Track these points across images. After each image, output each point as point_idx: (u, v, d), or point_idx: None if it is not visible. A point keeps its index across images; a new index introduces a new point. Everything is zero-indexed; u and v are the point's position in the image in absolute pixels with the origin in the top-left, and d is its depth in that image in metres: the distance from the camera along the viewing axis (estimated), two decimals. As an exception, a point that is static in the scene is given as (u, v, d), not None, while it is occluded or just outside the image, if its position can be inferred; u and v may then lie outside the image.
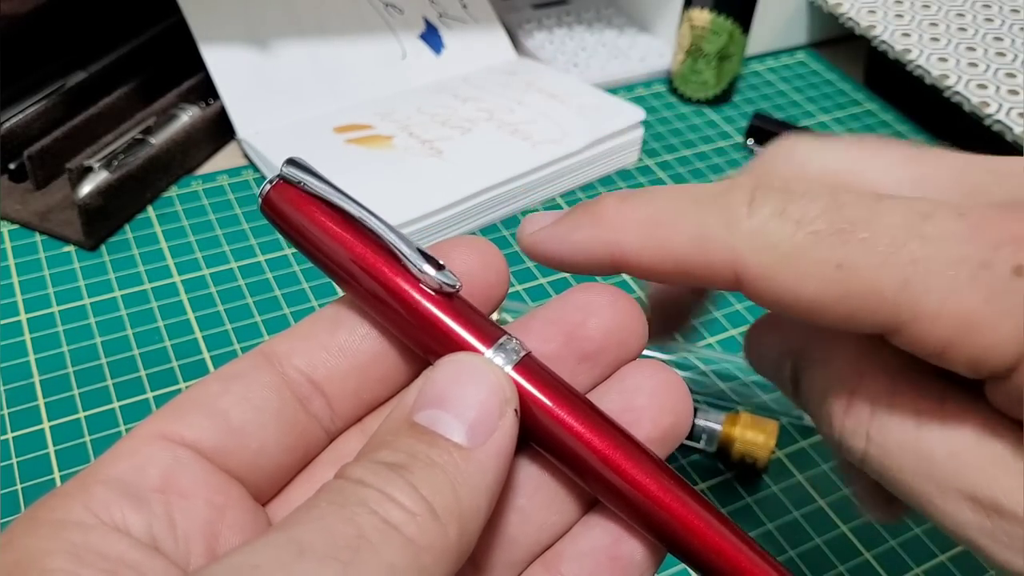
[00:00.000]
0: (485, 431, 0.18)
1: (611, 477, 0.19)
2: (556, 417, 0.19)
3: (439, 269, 0.19)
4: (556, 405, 0.19)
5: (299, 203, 0.20)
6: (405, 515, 0.16)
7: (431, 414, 0.18)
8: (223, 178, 0.52)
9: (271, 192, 0.20)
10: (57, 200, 0.49)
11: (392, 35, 0.58)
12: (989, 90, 0.55)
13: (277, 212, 0.20)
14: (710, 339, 0.45)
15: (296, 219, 0.20)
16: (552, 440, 0.19)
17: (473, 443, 0.17)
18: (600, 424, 0.19)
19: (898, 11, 0.62)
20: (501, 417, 0.18)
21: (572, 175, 0.53)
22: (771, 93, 0.64)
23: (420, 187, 0.49)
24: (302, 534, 0.16)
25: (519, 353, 0.19)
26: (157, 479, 0.18)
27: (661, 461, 0.19)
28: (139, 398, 0.40)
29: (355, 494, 0.16)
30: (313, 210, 0.20)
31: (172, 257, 0.47)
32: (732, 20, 0.58)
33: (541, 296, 0.47)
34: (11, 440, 0.38)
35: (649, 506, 0.18)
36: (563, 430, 0.19)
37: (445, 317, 0.19)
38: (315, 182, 0.20)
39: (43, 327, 0.43)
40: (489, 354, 0.19)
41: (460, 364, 0.18)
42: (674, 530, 0.18)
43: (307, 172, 0.20)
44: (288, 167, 0.20)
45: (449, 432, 0.17)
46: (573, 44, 0.65)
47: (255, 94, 0.53)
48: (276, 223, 0.20)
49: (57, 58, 0.55)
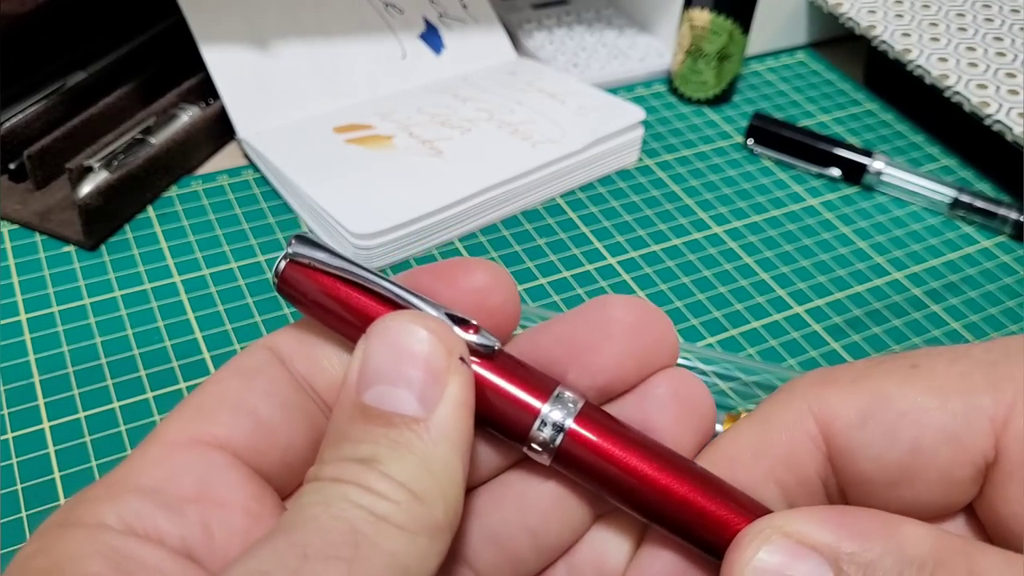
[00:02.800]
0: (437, 392, 0.17)
1: (688, 518, 0.18)
2: (622, 464, 0.18)
3: (474, 331, 0.18)
4: (622, 451, 0.18)
5: (315, 280, 0.19)
6: (390, 505, 0.16)
7: (378, 392, 0.17)
8: (223, 178, 0.52)
9: (285, 272, 0.19)
10: (57, 200, 0.49)
11: (392, 35, 0.58)
12: (989, 90, 0.55)
13: (293, 291, 0.19)
14: (710, 339, 0.45)
15: (315, 297, 0.19)
16: (618, 485, 0.19)
17: (428, 409, 0.17)
18: (668, 467, 0.18)
19: (898, 11, 0.62)
20: (449, 370, 0.17)
21: (572, 175, 0.53)
22: (771, 93, 0.64)
23: (420, 187, 0.49)
24: (302, 537, 0.15)
25: (577, 404, 0.19)
26: (192, 488, 0.18)
27: (737, 491, 0.19)
28: (139, 398, 0.40)
29: (336, 492, 0.16)
30: (329, 286, 0.19)
31: (172, 257, 0.47)
32: (732, 20, 0.58)
33: (541, 296, 0.47)
34: (11, 440, 0.38)
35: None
36: (631, 476, 0.18)
37: (493, 377, 0.19)
38: (326, 257, 0.19)
39: (43, 327, 0.43)
40: (546, 410, 0.18)
41: (390, 329, 0.18)
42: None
43: (317, 248, 0.19)
44: (297, 245, 0.19)
45: (402, 406, 0.17)
46: (573, 44, 0.65)
47: (255, 94, 0.53)
48: (295, 301, 0.20)
49: (57, 58, 0.55)
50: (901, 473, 0.18)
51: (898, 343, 0.46)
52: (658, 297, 0.47)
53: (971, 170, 0.59)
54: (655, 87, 0.63)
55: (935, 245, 0.53)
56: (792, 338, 0.46)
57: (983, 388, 0.18)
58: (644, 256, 0.50)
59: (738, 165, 0.57)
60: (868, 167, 0.55)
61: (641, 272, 0.49)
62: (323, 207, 0.47)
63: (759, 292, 0.48)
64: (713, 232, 0.52)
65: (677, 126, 0.60)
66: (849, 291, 0.49)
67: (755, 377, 0.42)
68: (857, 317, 0.47)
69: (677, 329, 0.45)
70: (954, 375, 0.18)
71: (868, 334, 0.46)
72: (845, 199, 0.55)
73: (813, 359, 0.45)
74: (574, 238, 0.51)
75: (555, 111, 0.55)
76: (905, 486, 0.18)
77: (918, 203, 0.55)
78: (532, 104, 0.55)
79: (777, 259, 0.51)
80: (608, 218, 0.52)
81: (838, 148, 0.56)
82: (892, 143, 0.61)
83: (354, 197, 0.47)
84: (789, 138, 0.57)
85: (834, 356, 0.45)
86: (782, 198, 0.55)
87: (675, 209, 0.53)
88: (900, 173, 0.55)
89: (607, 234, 0.51)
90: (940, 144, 0.61)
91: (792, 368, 0.44)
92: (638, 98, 0.62)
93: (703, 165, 0.57)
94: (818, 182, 0.56)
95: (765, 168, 0.57)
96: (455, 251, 0.49)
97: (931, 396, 0.18)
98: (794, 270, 0.50)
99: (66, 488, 0.36)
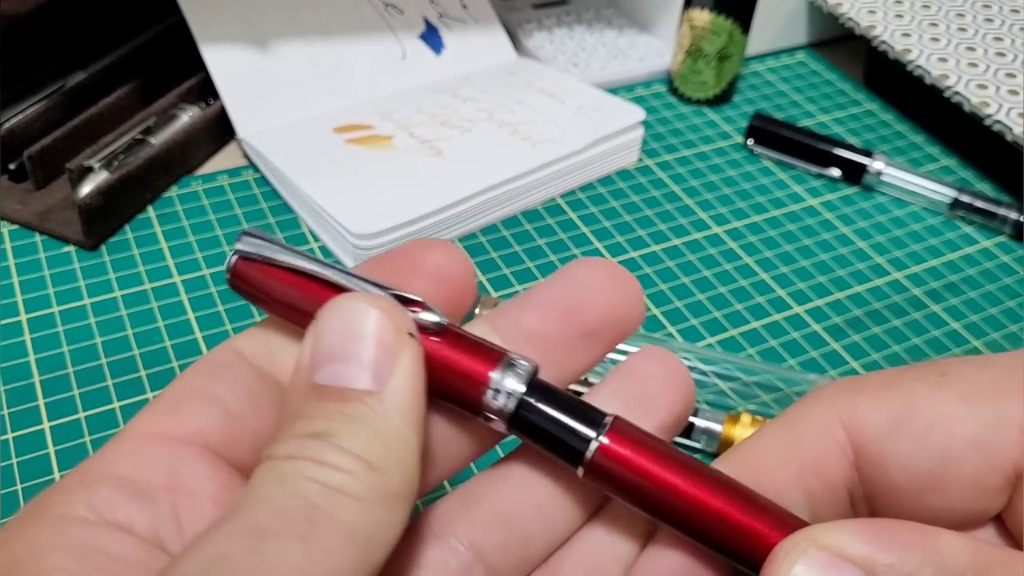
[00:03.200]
0: (388, 366, 0.17)
1: (683, 508, 0.18)
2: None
3: (421, 308, 0.19)
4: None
5: (265, 274, 0.20)
6: (343, 476, 0.16)
7: (330, 370, 0.17)
8: (223, 178, 0.52)
9: (235, 269, 0.20)
10: (57, 200, 0.49)
11: (392, 35, 0.58)
12: (989, 90, 0.55)
13: (246, 286, 0.20)
14: (710, 339, 0.45)
15: (267, 290, 0.20)
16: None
17: (381, 382, 0.17)
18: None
19: (898, 11, 0.62)
20: (400, 345, 0.17)
21: (572, 175, 0.53)
22: (771, 93, 0.64)
23: (420, 187, 0.49)
24: (256, 517, 0.15)
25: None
26: (163, 477, 0.18)
27: (740, 485, 0.19)
28: (139, 398, 0.40)
29: (289, 468, 0.16)
30: (279, 278, 0.20)
31: (172, 257, 0.47)
32: (732, 20, 0.58)
33: (541, 296, 0.47)
34: (11, 440, 0.38)
35: (749, 540, 0.18)
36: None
37: (444, 351, 0.19)
38: (272, 248, 0.20)
39: (43, 327, 0.43)
40: (497, 376, 0.19)
41: (340, 308, 0.18)
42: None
43: (263, 240, 0.20)
44: (244, 239, 0.20)
45: (355, 382, 0.17)
46: (573, 44, 0.65)
47: (255, 94, 0.53)
48: (248, 297, 0.20)
49: (57, 58, 0.55)
50: (930, 481, 0.18)
51: (898, 343, 0.46)
52: (658, 297, 0.47)
53: (971, 170, 0.59)
54: (655, 87, 0.63)
55: (935, 245, 0.53)
56: (792, 338, 0.46)
57: (1012, 396, 0.18)
58: (644, 256, 0.50)
59: (738, 165, 0.57)
60: (868, 167, 0.55)
61: (641, 272, 0.49)
62: (323, 207, 0.47)
63: (759, 292, 0.48)
64: (713, 232, 0.52)
65: (677, 126, 0.60)
66: (849, 291, 0.49)
67: (755, 377, 0.42)
68: (857, 317, 0.47)
69: (677, 329, 0.46)
70: (983, 383, 0.18)
71: (868, 334, 0.46)
72: (845, 199, 0.55)
73: (813, 359, 0.45)
74: (574, 238, 0.51)
75: (555, 111, 0.55)
76: (934, 494, 0.18)
77: (918, 203, 0.55)
78: (532, 104, 0.55)
79: (777, 259, 0.51)
80: (608, 218, 0.52)
81: (838, 148, 0.56)
82: (892, 143, 0.61)
83: (354, 197, 0.47)
84: (789, 138, 0.57)
85: (834, 356, 0.45)
86: (782, 198, 0.55)
87: (675, 209, 0.53)
88: (900, 173, 0.55)
89: (607, 234, 0.51)
90: (940, 144, 0.61)
91: (792, 368, 0.44)
92: (638, 98, 0.62)
93: (703, 165, 0.57)
94: (818, 182, 0.56)
95: (765, 168, 0.57)
96: (455, 251, 0.49)
97: (960, 404, 0.18)
98: (794, 270, 0.50)
99: (66, 488, 0.36)
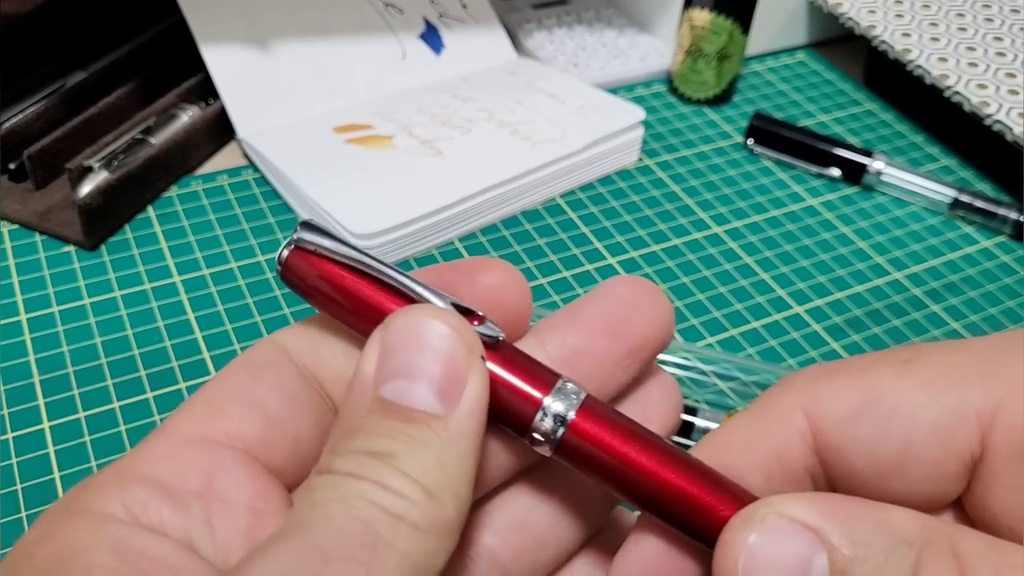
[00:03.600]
0: (457, 390, 0.17)
1: (682, 509, 0.18)
2: (623, 456, 0.18)
3: (479, 322, 0.18)
4: (622, 443, 0.19)
5: (319, 268, 0.19)
6: (405, 503, 0.16)
7: (396, 386, 0.17)
8: (223, 178, 0.52)
9: (289, 259, 0.19)
10: (57, 200, 0.49)
11: (392, 35, 0.58)
12: (989, 90, 0.55)
13: (298, 278, 0.19)
14: (710, 339, 0.45)
15: (319, 285, 0.19)
16: (619, 477, 0.19)
17: (448, 407, 0.17)
18: (667, 459, 0.19)
19: (898, 11, 0.62)
20: (469, 369, 0.17)
21: (572, 175, 0.53)
22: (771, 93, 0.64)
23: (420, 187, 0.49)
24: (320, 538, 0.15)
25: (579, 395, 0.19)
26: (198, 482, 0.18)
27: (733, 483, 0.19)
28: (139, 398, 0.40)
29: (351, 489, 0.16)
30: (335, 274, 0.19)
31: (172, 257, 0.47)
32: (732, 20, 0.58)
33: (542, 296, 0.47)
34: (11, 440, 0.38)
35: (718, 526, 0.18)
36: (631, 468, 0.18)
37: (497, 369, 0.18)
38: (332, 244, 0.19)
39: (43, 327, 0.43)
40: (548, 401, 0.18)
41: (412, 322, 0.17)
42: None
43: (322, 233, 0.19)
44: (302, 231, 0.19)
45: (421, 403, 0.17)
46: (573, 44, 0.65)
47: (255, 94, 0.53)
48: (298, 289, 0.19)
49: (57, 58, 0.55)
50: (891, 467, 0.18)
51: (898, 343, 0.46)
52: (658, 297, 0.47)
53: (971, 170, 0.59)
54: (655, 87, 0.63)
55: (935, 245, 0.53)
56: (792, 338, 0.46)
57: (974, 382, 0.18)
58: (644, 256, 0.50)
59: (738, 165, 0.57)
60: (868, 167, 0.55)
61: (641, 272, 0.49)
62: (323, 207, 0.47)
63: (759, 292, 0.48)
64: (713, 232, 0.52)
65: (677, 126, 0.60)
66: (849, 291, 0.49)
67: (755, 377, 0.42)
68: (857, 317, 0.47)
69: (677, 329, 0.46)
70: (948, 368, 0.18)
71: (868, 334, 0.46)
72: (845, 199, 0.55)
73: (813, 359, 0.45)
74: (574, 238, 0.51)
75: (555, 111, 0.55)
76: (895, 480, 0.18)
77: (918, 203, 0.55)
78: (532, 104, 0.55)
79: (777, 259, 0.51)
80: (608, 218, 0.52)
81: (838, 148, 0.56)
82: (892, 143, 0.61)
83: (354, 197, 0.47)
84: (789, 138, 0.57)
85: (834, 356, 0.45)
86: (782, 198, 0.55)
87: (675, 209, 0.53)
88: (900, 173, 0.55)
89: (607, 234, 0.51)
90: (940, 144, 0.61)
91: (792, 368, 0.44)
92: (638, 98, 0.62)
93: (703, 165, 0.57)
94: (818, 182, 0.56)
95: (765, 168, 0.57)
96: (455, 251, 0.49)
97: (922, 390, 0.18)
98: (794, 270, 0.50)
99: (66, 488, 0.36)
